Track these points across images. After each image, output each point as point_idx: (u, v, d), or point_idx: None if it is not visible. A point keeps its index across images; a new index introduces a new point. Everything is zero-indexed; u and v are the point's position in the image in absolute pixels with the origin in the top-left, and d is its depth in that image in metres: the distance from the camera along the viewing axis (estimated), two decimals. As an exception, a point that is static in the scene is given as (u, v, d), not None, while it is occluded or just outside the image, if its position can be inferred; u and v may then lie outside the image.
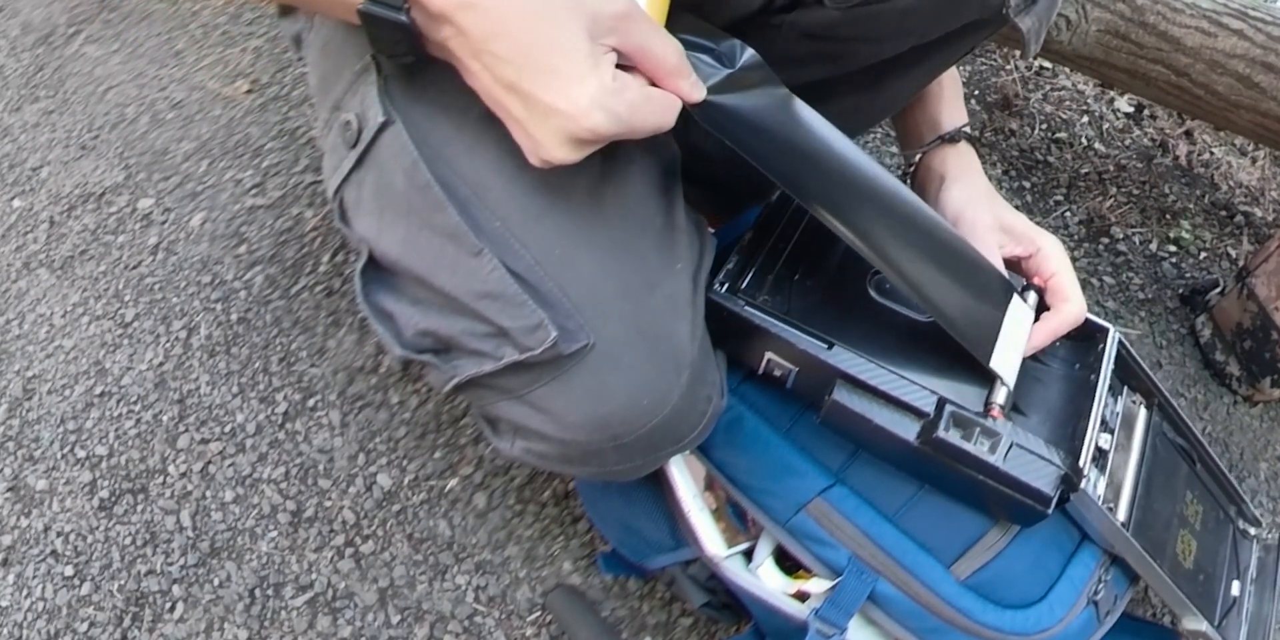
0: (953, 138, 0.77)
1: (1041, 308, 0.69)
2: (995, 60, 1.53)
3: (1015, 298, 0.66)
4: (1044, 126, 1.45)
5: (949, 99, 0.79)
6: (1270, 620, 0.75)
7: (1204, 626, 0.69)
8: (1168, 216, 1.36)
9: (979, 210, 0.71)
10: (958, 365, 0.64)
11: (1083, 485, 0.62)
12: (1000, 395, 0.62)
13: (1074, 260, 1.26)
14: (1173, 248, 1.33)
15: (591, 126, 0.46)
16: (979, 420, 0.61)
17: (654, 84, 0.50)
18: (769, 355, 0.66)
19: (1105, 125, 1.49)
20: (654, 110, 0.49)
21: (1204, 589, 0.71)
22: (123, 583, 0.87)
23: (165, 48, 1.31)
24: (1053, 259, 0.70)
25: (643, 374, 0.55)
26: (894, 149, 1.34)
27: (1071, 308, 0.68)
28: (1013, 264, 0.71)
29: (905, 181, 0.80)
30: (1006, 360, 0.63)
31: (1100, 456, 0.66)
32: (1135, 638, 0.78)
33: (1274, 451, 1.13)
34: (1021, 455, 0.60)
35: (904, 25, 0.67)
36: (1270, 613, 0.75)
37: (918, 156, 0.78)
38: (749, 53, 0.55)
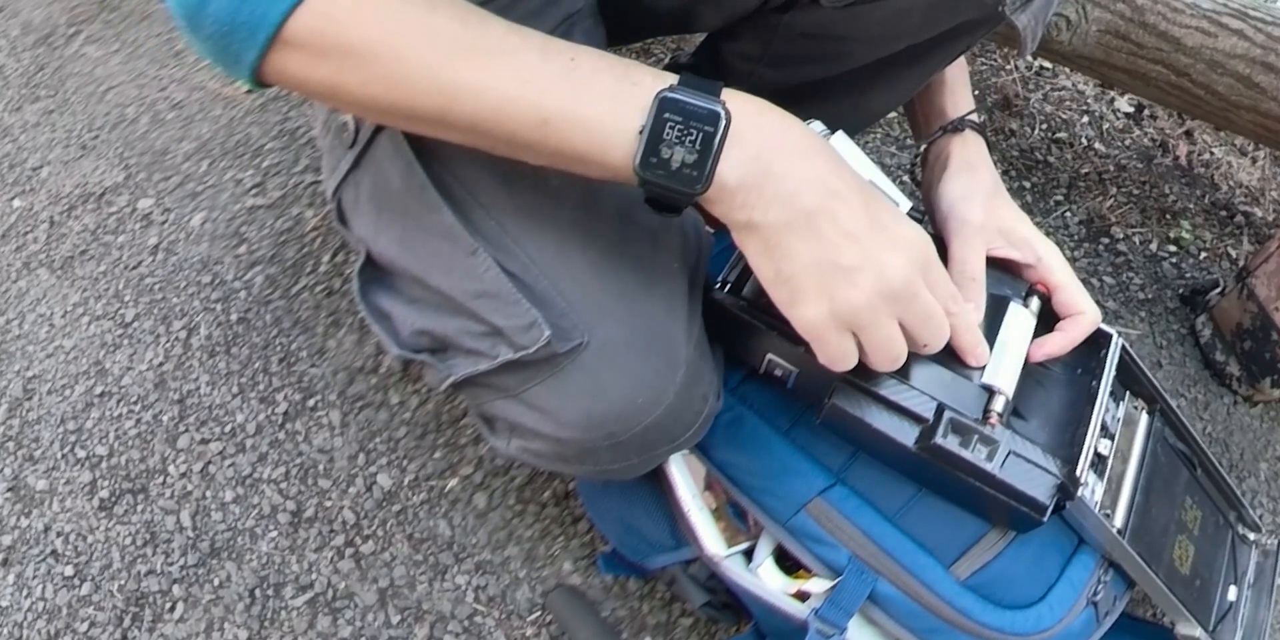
0: (956, 127, 0.74)
1: (1046, 312, 0.69)
2: (995, 60, 1.53)
3: (1012, 305, 0.65)
4: (1044, 126, 1.45)
5: (953, 88, 0.77)
6: (1266, 625, 0.75)
7: (1198, 632, 0.69)
8: (1168, 216, 1.36)
9: (971, 208, 0.69)
10: (957, 371, 0.64)
11: (1081, 492, 0.61)
12: (999, 403, 0.62)
13: (1074, 261, 1.26)
14: (1173, 248, 1.33)
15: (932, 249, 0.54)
16: (977, 427, 0.61)
17: None
18: (769, 356, 0.66)
19: (1105, 125, 1.49)
20: None
21: (1200, 595, 0.71)
22: (123, 583, 0.87)
23: (165, 48, 1.31)
24: (1055, 271, 0.68)
25: (638, 372, 0.55)
26: (894, 149, 1.34)
27: (1085, 319, 0.66)
28: (1013, 266, 0.70)
29: (915, 173, 0.79)
30: (1005, 369, 0.62)
31: (1099, 462, 0.66)
32: (1134, 638, 0.78)
33: (1274, 452, 1.12)
34: (1018, 463, 0.60)
35: (900, 24, 0.67)
36: (1266, 618, 0.75)
37: (922, 147, 0.77)
38: None
